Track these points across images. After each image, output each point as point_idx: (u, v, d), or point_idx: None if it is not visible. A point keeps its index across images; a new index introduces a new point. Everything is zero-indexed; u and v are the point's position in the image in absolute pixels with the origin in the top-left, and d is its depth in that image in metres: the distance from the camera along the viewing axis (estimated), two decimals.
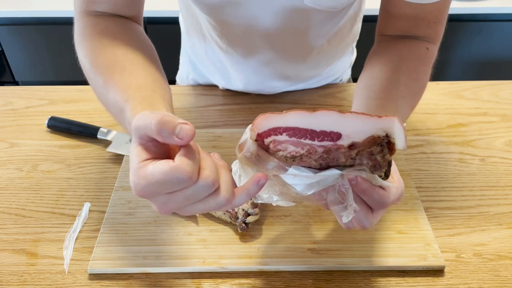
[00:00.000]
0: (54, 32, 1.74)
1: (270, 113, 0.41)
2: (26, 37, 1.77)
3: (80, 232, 0.62)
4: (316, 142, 0.41)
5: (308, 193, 0.44)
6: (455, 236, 0.62)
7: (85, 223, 0.64)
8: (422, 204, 0.65)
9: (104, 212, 0.64)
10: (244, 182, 0.43)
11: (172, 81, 0.84)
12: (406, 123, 0.79)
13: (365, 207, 0.46)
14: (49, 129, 0.80)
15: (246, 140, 0.43)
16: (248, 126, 0.43)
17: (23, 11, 1.67)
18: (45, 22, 1.71)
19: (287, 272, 0.57)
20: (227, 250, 0.59)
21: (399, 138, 0.41)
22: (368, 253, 0.58)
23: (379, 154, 0.42)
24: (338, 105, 0.88)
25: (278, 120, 0.41)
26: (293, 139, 0.41)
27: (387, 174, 0.44)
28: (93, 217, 0.64)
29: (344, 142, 0.41)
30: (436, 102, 0.88)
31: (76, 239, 0.61)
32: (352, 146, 0.41)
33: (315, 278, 0.57)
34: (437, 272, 0.58)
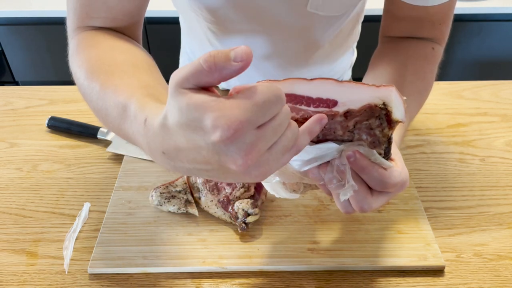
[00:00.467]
0: (54, 32, 1.74)
1: (269, 80, 0.40)
2: (26, 37, 1.77)
3: (80, 232, 0.62)
4: (312, 108, 0.40)
5: (305, 169, 0.43)
6: (455, 236, 0.62)
7: (85, 223, 0.64)
8: (422, 204, 0.65)
9: (104, 212, 0.64)
10: None
11: None
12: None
13: (365, 187, 0.44)
14: (49, 129, 0.80)
15: None
16: None
17: (23, 11, 1.67)
18: (45, 22, 1.71)
19: (287, 272, 0.57)
20: (227, 250, 0.59)
21: (397, 108, 0.40)
22: (368, 253, 0.58)
23: (378, 129, 0.41)
24: None
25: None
26: (289, 105, 0.40)
27: (387, 153, 0.43)
28: (93, 217, 0.64)
29: (340, 109, 0.40)
30: (436, 102, 0.88)
31: (76, 239, 0.61)
32: (348, 113, 0.40)
33: (315, 278, 0.57)
34: (437, 272, 0.58)
